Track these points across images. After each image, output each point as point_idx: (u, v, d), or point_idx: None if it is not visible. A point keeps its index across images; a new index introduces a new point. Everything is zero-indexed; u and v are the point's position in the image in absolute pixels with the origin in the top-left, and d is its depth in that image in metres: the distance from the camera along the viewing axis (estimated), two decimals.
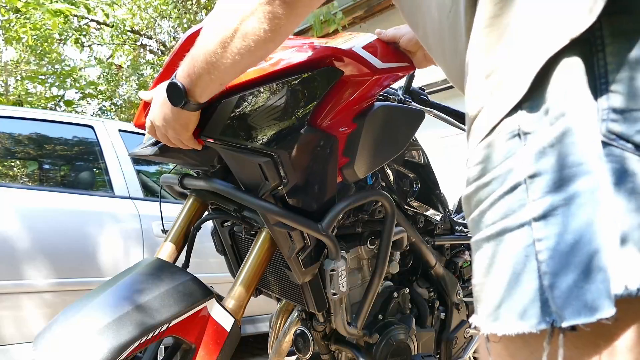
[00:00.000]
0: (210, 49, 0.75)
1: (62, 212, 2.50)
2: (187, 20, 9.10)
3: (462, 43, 0.56)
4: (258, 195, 0.97)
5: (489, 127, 0.46)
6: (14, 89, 8.87)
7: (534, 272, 0.41)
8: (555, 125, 0.42)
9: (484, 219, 0.46)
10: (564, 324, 0.39)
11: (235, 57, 0.74)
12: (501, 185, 0.44)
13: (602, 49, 0.42)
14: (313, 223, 1.02)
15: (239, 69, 0.79)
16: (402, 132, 1.16)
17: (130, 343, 0.86)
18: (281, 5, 0.68)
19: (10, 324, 2.27)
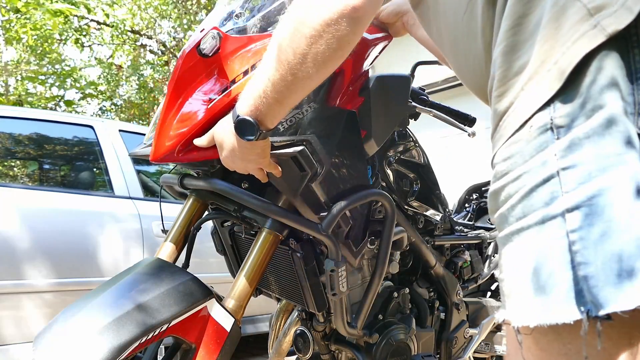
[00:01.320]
0: (279, 77, 0.74)
1: (62, 212, 2.50)
2: (187, 21, 9.10)
3: (477, 42, 0.57)
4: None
5: (520, 122, 0.46)
6: (14, 89, 8.87)
7: (568, 263, 0.42)
8: (593, 118, 0.42)
9: (514, 212, 0.47)
10: (601, 312, 0.39)
11: (306, 82, 0.74)
12: (532, 178, 0.45)
13: (638, 45, 0.43)
14: (313, 223, 1.02)
15: (309, 90, 0.79)
16: (400, 96, 1.21)
17: (130, 343, 0.86)
18: (348, 23, 0.67)
19: (10, 324, 2.27)
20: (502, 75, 0.49)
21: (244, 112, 0.80)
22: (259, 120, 0.80)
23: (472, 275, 1.56)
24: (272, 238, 1.06)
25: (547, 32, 0.45)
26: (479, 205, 1.84)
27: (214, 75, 1.00)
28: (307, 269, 1.08)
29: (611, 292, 0.39)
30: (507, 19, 0.49)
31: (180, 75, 0.98)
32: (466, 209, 1.91)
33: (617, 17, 0.42)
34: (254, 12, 1.13)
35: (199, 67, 0.99)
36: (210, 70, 1.00)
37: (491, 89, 0.51)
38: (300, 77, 0.73)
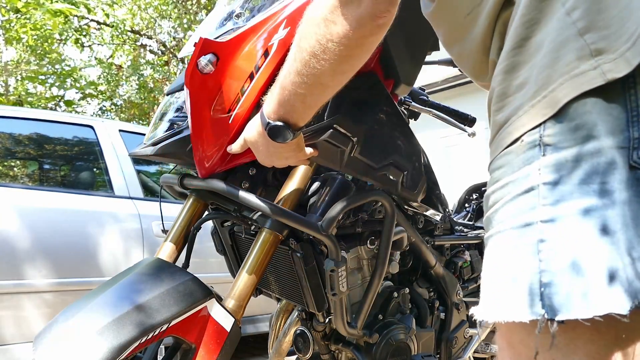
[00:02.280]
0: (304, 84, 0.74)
1: (62, 212, 2.50)
2: (187, 20, 9.10)
3: (475, 44, 0.60)
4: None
5: (514, 137, 0.50)
6: (14, 89, 8.87)
7: (535, 267, 0.46)
8: (583, 145, 0.46)
9: (497, 216, 0.51)
10: (557, 317, 0.44)
11: (337, 86, 0.76)
12: (516, 187, 0.49)
13: (634, 86, 0.46)
14: (313, 223, 1.02)
15: (334, 91, 0.79)
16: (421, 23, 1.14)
17: (130, 343, 0.86)
18: (374, 27, 0.67)
19: (10, 323, 2.27)
20: (502, 91, 0.53)
21: (273, 118, 0.81)
22: (289, 122, 0.81)
23: (472, 275, 1.56)
24: (272, 238, 1.06)
25: (548, 59, 0.49)
26: (479, 205, 1.84)
27: (224, 86, 0.99)
28: (307, 269, 1.08)
29: (568, 301, 0.44)
30: (510, 40, 0.53)
31: (193, 98, 0.98)
32: (466, 209, 1.91)
33: (616, 65, 0.46)
34: (254, 12, 1.13)
35: (206, 83, 0.98)
36: (219, 82, 0.99)
37: (490, 99, 0.56)
38: (325, 82, 0.73)
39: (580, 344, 0.46)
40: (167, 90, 1.12)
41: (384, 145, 1.05)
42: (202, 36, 1.01)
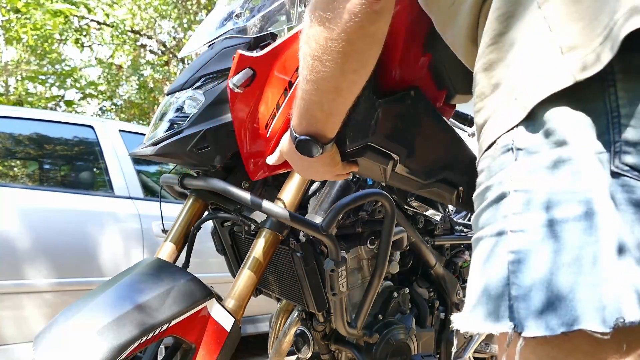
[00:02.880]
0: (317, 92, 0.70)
1: (62, 212, 2.50)
2: (187, 20, 9.10)
3: (463, 35, 0.57)
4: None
5: (490, 140, 0.48)
6: (14, 89, 8.87)
7: (504, 279, 0.43)
8: (556, 150, 0.42)
9: (478, 221, 0.49)
10: (525, 333, 0.41)
11: (351, 87, 0.71)
12: (492, 194, 0.47)
13: (614, 84, 0.42)
14: (313, 223, 1.02)
15: (352, 93, 0.73)
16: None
17: (130, 343, 0.86)
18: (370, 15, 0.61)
19: (10, 323, 2.27)
20: (480, 92, 0.51)
21: (298, 132, 0.77)
22: (316, 135, 0.76)
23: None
24: (272, 238, 1.06)
25: (519, 58, 0.46)
26: None
27: (262, 100, 0.99)
28: (307, 269, 1.08)
29: (535, 316, 0.41)
30: (486, 35, 0.50)
31: (234, 111, 0.99)
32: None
33: (588, 62, 0.42)
34: (254, 12, 1.13)
35: (245, 97, 0.98)
36: (257, 96, 0.99)
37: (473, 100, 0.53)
38: (337, 85, 0.69)
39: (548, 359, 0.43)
40: (167, 90, 1.12)
41: (431, 161, 0.98)
42: (240, 52, 0.99)
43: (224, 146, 1.04)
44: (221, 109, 1.04)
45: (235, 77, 0.95)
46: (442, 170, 0.99)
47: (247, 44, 1.09)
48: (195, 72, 1.07)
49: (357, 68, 0.68)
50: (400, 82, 0.90)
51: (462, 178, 1.03)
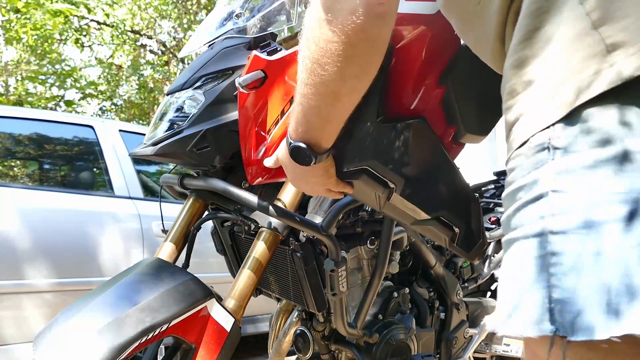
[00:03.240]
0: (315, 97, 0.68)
1: (62, 212, 2.50)
2: (187, 20, 9.10)
3: (490, 34, 0.55)
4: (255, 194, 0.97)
5: (523, 138, 0.47)
6: (14, 89, 8.86)
7: (544, 281, 0.42)
8: (597, 150, 0.41)
9: (511, 222, 0.48)
10: (570, 337, 0.40)
11: (351, 94, 0.68)
12: (527, 194, 0.45)
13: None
14: (313, 223, 1.02)
15: (351, 102, 0.70)
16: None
17: (130, 343, 0.86)
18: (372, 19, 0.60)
19: (10, 323, 2.27)
20: (511, 89, 0.49)
21: (294, 138, 0.74)
22: (311, 144, 0.74)
23: (472, 275, 1.56)
24: (272, 238, 1.06)
25: (558, 55, 0.45)
26: None
27: (269, 105, 0.97)
28: (307, 269, 1.08)
29: (579, 320, 0.40)
30: (518, 31, 0.49)
31: (241, 110, 0.98)
32: None
33: (633, 62, 0.41)
34: (254, 12, 1.13)
35: (254, 98, 0.97)
36: (265, 99, 0.97)
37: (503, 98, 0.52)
38: (336, 90, 0.66)
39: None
40: (167, 90, 1.12)
41: (429, 197, 0.94)
42: (256, 53, 0.97)
43: (224, 146, 1.04)
44: (221, 109, 1.04)
45: (243, 77, 0.94)
46: (440, 209, 0.95)
47: (247, 44, 1.09)
48: (195, 72, 1.07)
49: (357, 73, 0.65)
50: (408, 110, 0.87)
51: (459, 220, 1.00)
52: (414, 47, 0.85)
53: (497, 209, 1.77)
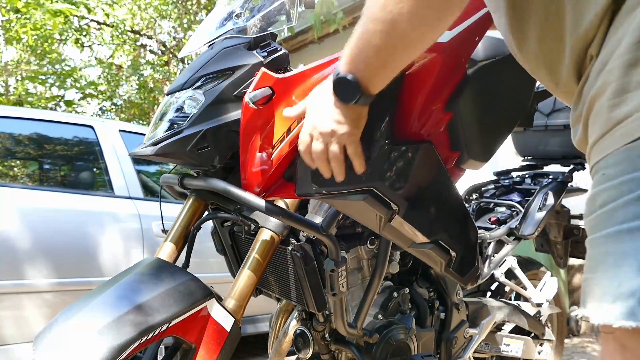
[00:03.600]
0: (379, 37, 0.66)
1: (62, 212, 2.49)
2: (187, 21, 9.10)
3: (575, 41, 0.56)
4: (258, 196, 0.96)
5: (635, 135, 0.47)
6: (14, 89, 8.86)
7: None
8: None
9: (615, 216, 0.48)
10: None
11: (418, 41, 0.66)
12: (637, 186, 0.46)
13: None
14: (313, 223, 1.02)
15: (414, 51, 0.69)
16: (515, 90, 1.01)
17: (130, 343, 0.86)
18: None
19: (10, 323, 2.27)
20: (621, 87, 0.50)
21: (344, 71, 0.72)
22: (361, 82, 0.72)
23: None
24: (272, 238, 1.06)
25: None
26: (479, 205, 1.84)
27: (275, 121, 0.96)
28: (307, 269, 1.08)
29: None
30: (633, 33, 0.49)
31: (244, 125, 0.98)
32: None
33: None
34: (254, 12, 1.13)
35: (259, 113, 0.97)
36: (271, 115, 0.97)
37: (598, 95, 0.52)
38: (403, 32, 0.64)
39: None
40: (167, 90, 1.12)
41: (430, 221, 0.95)
42: (264, 70, 0.97)
43: (224, 146, 1.04)
44: (221, 109, 1.04)
45: (253, 93, 0.94)
46: (440, 233, 0.95)
47: (247, 44, 1.09)
48: (195, 72, 1.07)
49: (428, 18, 0.63)
50: (415, 134, 0.88)
51: (457, 244, 1.00)
52: (425, 74, 0.87)
53: (497, 209, 1.77)
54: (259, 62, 1.06)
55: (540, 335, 1.81)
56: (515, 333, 1.77)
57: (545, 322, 1.84)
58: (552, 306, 1.83)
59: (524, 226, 1.61)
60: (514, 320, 1.68)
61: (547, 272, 1.90)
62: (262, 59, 1.06)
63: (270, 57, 1.07)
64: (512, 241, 1.63)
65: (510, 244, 1.63)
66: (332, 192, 0.87)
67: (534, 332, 1.79)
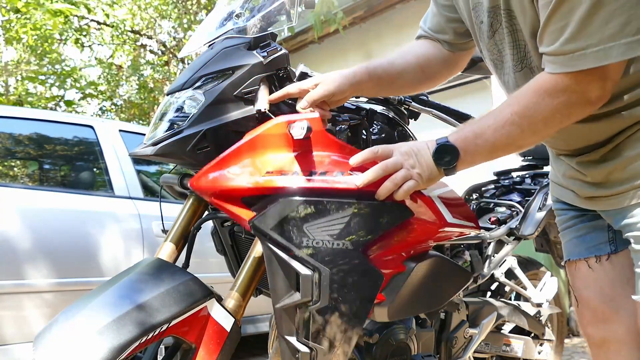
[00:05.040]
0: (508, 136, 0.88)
1: (62, 212, 2.50)
2: (187, 21, 9.10)
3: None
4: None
5: None
6: (14, 89, 8.87)
7: None
8: None
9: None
10: None
11: (522, 144, 0.91)
12: None
13: None
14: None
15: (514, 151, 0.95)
16: (446, 288, 1.17)
17: (130, 343, 0.86)
18: (585, 105, 0.83)
19: (10, 323, 2.27)
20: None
21: (453, 141, 0.91)
22: (460, 157, 0.91)
23: (472, 275, 1.56)
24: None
25: None
26: (479, 205, 1.84)
27: (283, 152, 0.97)
28: None
29: None
30: None
31: (260, 135, 0.98)
32: None
33: None
34: (254, 12, 1.13)
35: (277, 138, 0.97)
36: (282, 145, 0.97)
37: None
38: (520, 144, 0.90)
39: None
40: (167, 90, 1.12)
41: (333, 328, 0.98)
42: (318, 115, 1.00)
43: (224, 146, 1.04)
44: (221, 109, 1.04)
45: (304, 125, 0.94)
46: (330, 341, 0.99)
47: (247, 44, 1.09)
48: (195, 72, 1.07)
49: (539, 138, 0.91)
50: (375, 260, 0.98)
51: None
52: (421, 228, 1.02)
53: (497, 209, 1.77)
54: (259, 62, 1.06)
55: (540, 335, 1.81)
56: (515, 333, 1.77)
57: (545, 322, 1.84)
58: (552, 306, 1.83)
59: (524, 226, 1.61)
60: (514, 320, 1.68)
61: (547, 272, 1.90)
62: (262, 59, 1.06)
63: (270, 57, 1.07)
64: (512, 241, 1.63)
65: (510, 244, 1.63)
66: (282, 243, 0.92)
67: (534, 332, 1.79)
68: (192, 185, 1.01)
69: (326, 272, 0.92)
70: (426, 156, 0.92)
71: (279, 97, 1.03)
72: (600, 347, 1.08)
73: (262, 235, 0.93)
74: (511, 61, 0.97)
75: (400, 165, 0.92)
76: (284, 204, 0.91)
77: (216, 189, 0.97)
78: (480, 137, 0.89)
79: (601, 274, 1.05)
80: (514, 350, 1.71)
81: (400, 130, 1.33)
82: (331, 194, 0.93)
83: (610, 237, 1.04)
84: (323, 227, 0.92)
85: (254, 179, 0.94)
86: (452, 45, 1.17)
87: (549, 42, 0.81)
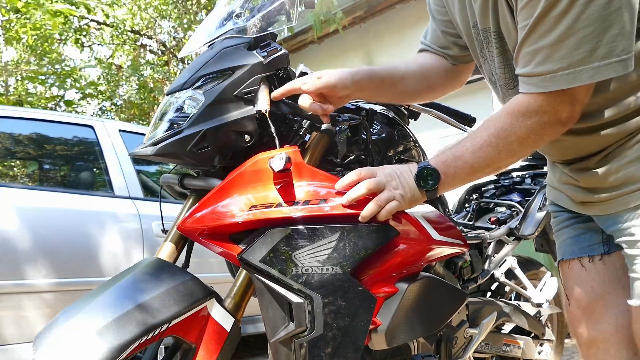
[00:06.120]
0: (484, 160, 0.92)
1: (62, 212, 2.50)
2: (187, 21, 9.10)
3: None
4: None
5: None
6: (14, 89, 8.87)
7: None
8: None
9: None
10: None
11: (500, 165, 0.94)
12: None
13: None
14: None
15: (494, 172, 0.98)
16: (442, 309, 1.16)
17: (130, 343, 0.86)
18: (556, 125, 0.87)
19: (10, 323, 2.27)
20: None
21: (434, 164, 0.93)
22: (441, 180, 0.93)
23: (472, 275, 1.56)
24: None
25: None
26: (479, 205, 1.84)
27: (266, 186, 0.96)
28: None
29: None
30: None
31: (242, 173, 0.98)
32: (466, 209, 1.91)
33: None
34: (254, 12, 1.13)
35: (259, 174, 0.97)
36: (264, 180, 0.96)
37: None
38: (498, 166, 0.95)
39: None
40: (167, 90, 1.12)
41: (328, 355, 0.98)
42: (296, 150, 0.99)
43: (224, 146, 1.04)
44: (221, 109, 1.04)
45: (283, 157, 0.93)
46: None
47: (247, 44, 1.09)
48: (195, 72, 1.07)
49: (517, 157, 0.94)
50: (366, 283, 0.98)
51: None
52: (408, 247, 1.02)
53: (497, 209, 1.77)
54: (259, 62, 1.06)
55: (540, 335, 1.81)
56: (515, 333, 1.77)
57: (545, 322, 1.84)
58: (552, 306, 1.83)
59: (524, 226, 1.61)
60: (514, 320, 1.68)
61: (547, 272, 1.90)
62: (262, 59, 1.06)
63: (270, 57, 1.07)
64: (512, 241, 1.63)
65: (510, 244, 1.63)
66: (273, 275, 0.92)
67: (534, 332, 1.79)
68: (179, 228, 1.02)
69: (318, 299, 0.92)
70: (409, 178, 0.94)
71: (282, 93, 1.03)
72: (590, 347, 1.09)
73: (252, 268, 0.93)
74: (503, 80, 1.00)
75: (384, 186, 0.94)
76: (270, 235, 0.92)
77: (203, 229, 0.97)
78: (460, 159, 0.92)
79: (593, 273, 1.07)
80: (514, 350, 1.71)
81: (400, 130, 1.33)
82: (316, 221, 0.93)
83: (604, 238, 1.05)
84: (311, 254, 0.92)
85: (240, 215, 0.94)
86: (455, 58, 1.19)
87: (523, 64, 0.86)
